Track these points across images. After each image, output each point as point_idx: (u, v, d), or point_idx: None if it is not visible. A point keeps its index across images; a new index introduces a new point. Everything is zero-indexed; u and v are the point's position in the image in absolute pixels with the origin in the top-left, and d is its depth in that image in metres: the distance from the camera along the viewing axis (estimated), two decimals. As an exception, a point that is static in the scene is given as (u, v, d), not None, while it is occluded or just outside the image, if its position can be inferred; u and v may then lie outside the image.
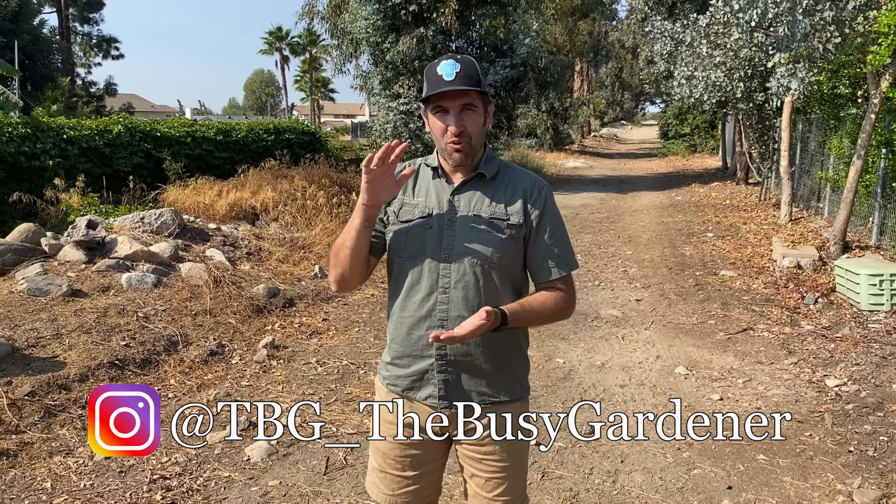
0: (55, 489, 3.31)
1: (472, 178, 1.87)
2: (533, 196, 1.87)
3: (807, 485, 3.28)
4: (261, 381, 4.69)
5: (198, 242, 7.07)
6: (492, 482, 1.92)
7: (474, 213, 1.84)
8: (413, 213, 1.87)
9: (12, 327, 4.76)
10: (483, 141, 1.87)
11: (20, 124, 8.15)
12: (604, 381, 4.67)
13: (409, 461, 1.96)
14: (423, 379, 1.89)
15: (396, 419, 1.94)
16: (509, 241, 1.83)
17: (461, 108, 1.80)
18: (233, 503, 3.22)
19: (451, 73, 1.77)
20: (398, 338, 1.91)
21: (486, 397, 1.88)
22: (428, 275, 1.84)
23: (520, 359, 1.95)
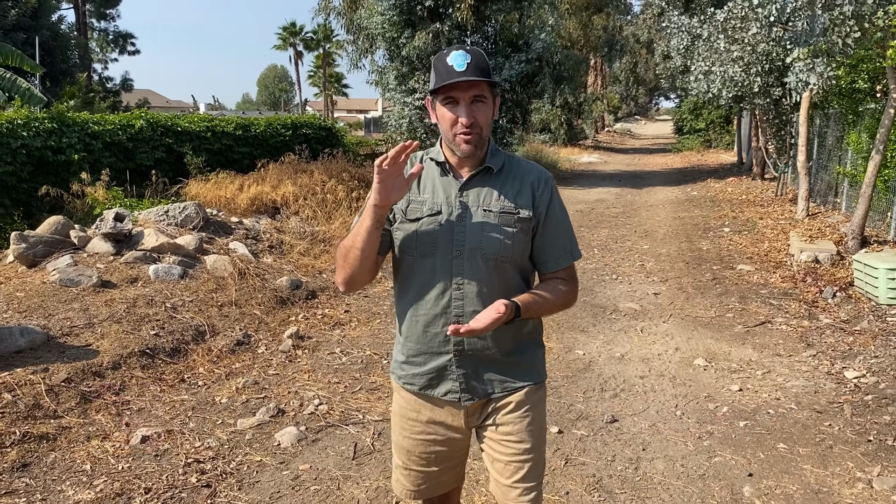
0: (94, 471, 3.43)
1: (480, 172, 1.86)
2: (540, 188, 1.88)
3: (826, 472, 3.34)
4: (287, 370, 4.80)
5: (221, 235, 7.20)
6: (511, 466, 1.92)
7: (484, 208, 1.83)
8: (421, 210, 1.85)
9: (46, 316, 4.89)
10: (489, 133, 1.86)
11: (46, 119, 8.30)
12: (624, 372, 4.74)
13: (433, 457, 1.98)
14: (441, 375, 1.90)
15: (419, 417, 1.97)
16: (520, 234, 1.84)
17: (472, 100, 1.78)
18: (265, 486, 3.32)
19: (463, 64, 1.75)
20: (413, 336, 1.90)
21: (508, 384, 1.91)
22: (441, 271, 1.83)
23: (535, 345, 1.98)
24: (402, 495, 2.06)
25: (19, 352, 4.36)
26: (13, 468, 3.41)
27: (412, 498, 2.07)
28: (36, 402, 3.95)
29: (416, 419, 1.97)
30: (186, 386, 4.47)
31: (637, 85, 48.49)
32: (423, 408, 1.96)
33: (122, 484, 3.30)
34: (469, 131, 1.79)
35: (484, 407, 1.94)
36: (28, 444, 3.62)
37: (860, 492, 3.16)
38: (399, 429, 2.01)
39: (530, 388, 1.94)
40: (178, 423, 3.96)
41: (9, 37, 21.10)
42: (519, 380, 1.92)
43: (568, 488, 3.27)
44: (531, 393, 1.94)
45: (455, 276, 1.82)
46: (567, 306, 1.95)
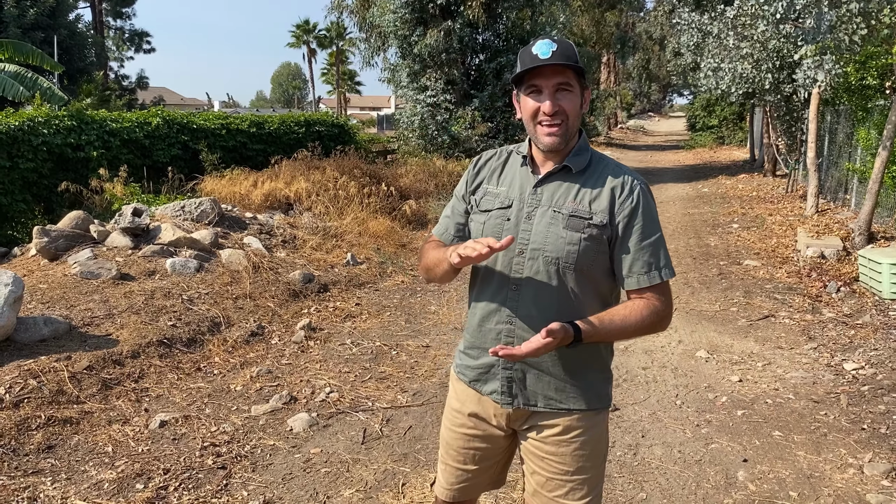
0: (116, 453, 3.59)
1: (559, 170, 1.76)
2: (623, 195, 1.72)
3: (820, 458, 3.45)
4: (299, 359, 4.95)
5: (235, 230, 7.37)
6: (553, 482, 1.82)
7: (555, 208, 1.73)
8: (494, 202, 1.80)
9: (68, 307, 5.08)
10: (577, 125, 1.76)
11: (66, 117, 8.52)
12: (626, 364, 4.86)
13: (470, 454, 1.91)
14: (489, 373, 1.83)
15: (463, 409, 1.91)
16: (590, 241, 1.70)
17: (556, 88, 1.68)
18: (278, 468, 3.47)
19: (548, 52, 1.66)
20: (471, 328, 1.86)
21: (553, 402, 1.79)
22: (501, 268, 1.77)
23: (597, 370, 1.81)
24: (439, 495, 1.98)
25: (43, 340, 4.55)
26: (39, 450, 3.58)
27: (448, 498, 1.97)
28: (60, 388, 4.12)
29: (460, 410, 1.92)
30: (202, 374, 4.64)
31: (650, 81, 48.36)
32: (469, 400, 1.89)
33: (142, 465, 3.46)
34: (552, 121, 1.69)
35: (529, 418, 1.84)
36: (53, 427, 3.79)
37: (851, 477, 3.26)
38: (445, 419, 1.97)
39: (583, 414, 1.80)
40: (194, 409, 4.13)
41: (28, 35, 21.44)
42: (567, 402, 1.79)
43: (568, 472, 3.39)
44: (584, 419, 1.80)
45: (514, 274, 1.74)
46: (651, 331, 1.75)
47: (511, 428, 1.87)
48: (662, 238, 1.74)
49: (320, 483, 3.33)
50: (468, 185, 1.90)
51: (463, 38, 15.87)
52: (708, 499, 3.13)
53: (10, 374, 4.14)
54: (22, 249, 6.65)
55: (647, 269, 1.70)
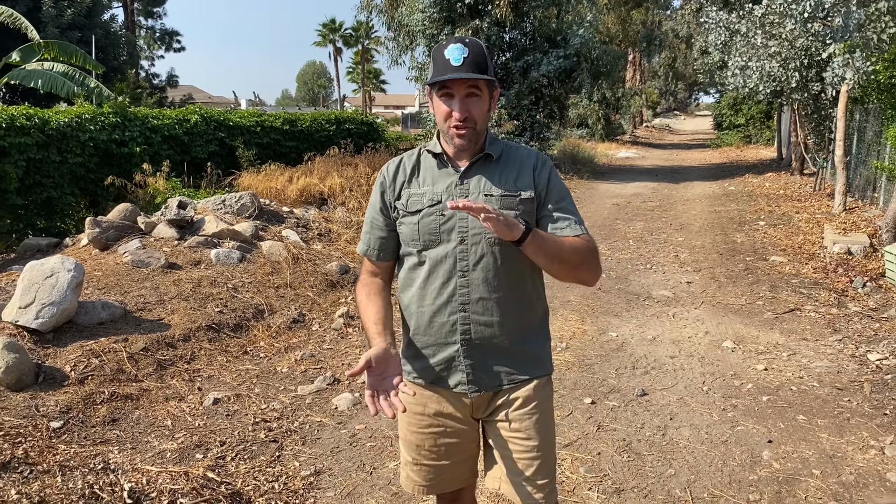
0: (175, 426, 3.85)
1: (479, 160, 1.87)
2: (538, 169, 1.88)
3: (842, 440, 3.60)
4: (340, 344, 5.19)
5: (273, 224, 7.64)
6: (521, 462, 1.91)
7: (486, 193, 1.83)
8: (422, 202, 1.87)
9: (122, 293, 5.37)
10: (485, 125, 1.87)
11: (111, 114, 8.86)
12: (654, 353, 5.02)
13: (443, 450, 1.98)
14: (450, 367, 1.89)
15: (425, 411, 1.96)
16: (524, 215, 1.81)
17: (466, 94, 1.78)
18: (326, 442, 3.71)
19: (459, 59, 1.75)
20: (420, 328, 1.90)
21: (515, 375, 1.91)
22: (445, 260, 1.84)
23: (543, 336, 1.97)
24: (413, 491, 2.05)
25: (101, 323, 4.84)
26: (104, 422, 3.86)
27: (424, 493, 2.05)
28: (119, 367, 4.41)
29: (423, 413, 1.97)
30: (249, 357, 4.90)
31: (676, 80, 48.05)
32: (430, 401, 1.96)
33: (200, 437, 3.72)
34: (463, 125, 1.79)
35: (491, 400, 1.93)
36: (115, 402, 4.07)
37: (872, 457, 3.41)
38: (406, 425, 2.01)
39: (538, 382, 1.93)
40: (244, 388, 4.38)
41: (65, 35, 22.01)
42: (526, 372, 1.92)
43: (600, 449, 3.58)
44: (539, 388, 1.93)
45: (460, 263, 1.83)
46: (588, 265, 1.83)
47: (475, 418, 1.96)
48: (573, 200, 1.92)
49: (366, 455, 3.55)
50: (387, 195, 1.94)
51: (490, 37, 16.04)
52: (734, 475, 3.30)
53: (74, 353, 4.43)
54: (73, 240, 6.98)
55: (568, 224, 1.84)
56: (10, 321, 4.52)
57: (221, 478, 3.18)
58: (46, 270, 4.66)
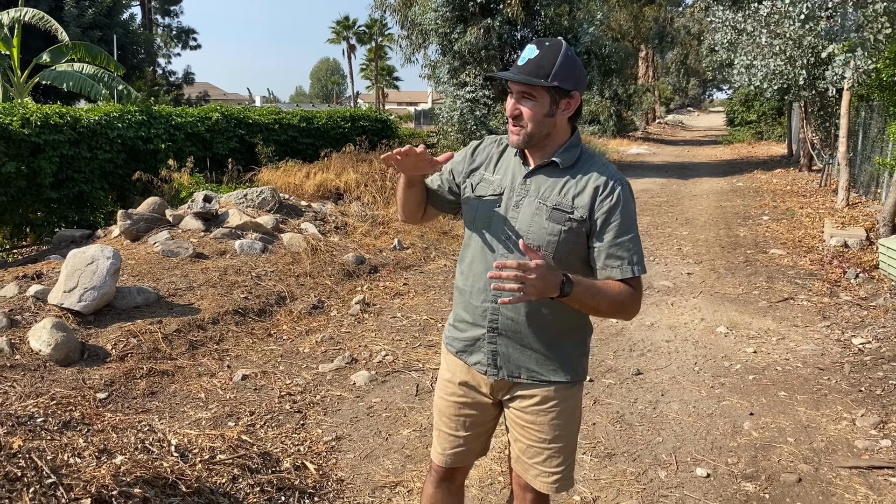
0: (208, 399, 4.23)
1: (547, 165, 1.89)
2: (604, 193, 1.83)
3: (818, 413, 3.92)
4: (357, 329, 5.56)
5: (293, 217, 8.02)
6: (532, 450, 2.00)
7: (540, 200, 1.86)
8: (488, 189, 1.94)
9: (155, 280, 5.77)
10: (551, 130, 1.86)
11: (137, 112, 9.27)
12: (651, 337, 5.35)
13: (461, 420, 2.07)
14: (475, 345, 1.98)
15: (453, 378, 2.07)
16: (569, 233, 1.83)
17: (519, 95, 1.83)
18: (346, 413, 4.07)
19: (525, 59, 1.81)
20: (460, 303, 2.02)
21: (535, 374, 1.94)
22: (489, 251, 1.92)
23: (574, 343, 1.96)
24: (435, 460, 2.16)
25: (137, 307, 5.23)
26: (144, 394, 4.25)
27: (443, 463, 2.14)
28: (155, 346, 4.79)
29: (451, 380, 2.08)
30: (273, 339, 5.28)
31: (688, 76, 48.06)
32: (459, 370, 2.05)
33: (231, 408, 4.10)
34: (513, 123, 1.85)
35: (512, 388, 2.00)
36: (153, 377, 4.45)
37: (843, 427, 3.73)
38: (438, 389, 2.14)
39: (560, 386, 1.95)
40: (270, 366, 4.76)
41: (86, 34, 22.52)
42: (549, 374, 1.94)
43: (595, 420, 3.92)
44: (561, 390, 1.96)
45: (500, 257, 1.88)
46: (623, 311, 1.86)
47: (495, 397, 2.04)
48: (638, 237, 1.86)
49: (382, 424, 3.91)
50: (465, 164, 2.05)
51: (502, 35, 16.35)
52: (716, 442, 3.64)
53: (114, 333, 4.83)
54: (104, 231, 7.39)
55: (620, 264, 1.82)
56: (56, 304, 4.92)
57: (253, 440, 3.55)
58: (88, 258, 5.06)
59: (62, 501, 2.16)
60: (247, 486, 3.03)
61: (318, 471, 3.34)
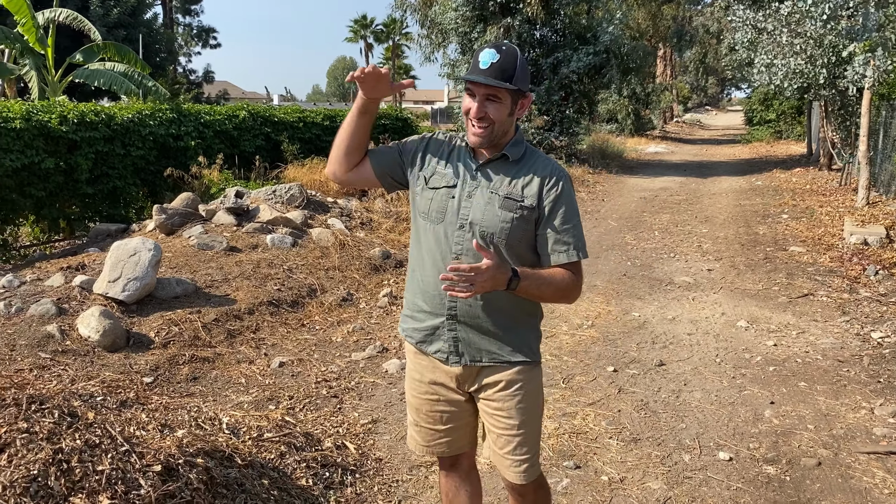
0: (248, 384, 4.43)
1: (497, 158, 2.00)
2: (550, 184, 1.96)
3: (837, 403, 4.05)
4: (385, 320, 5.74)
5: (319, 213, 8.23)
6: (502, 439, 2.09)
7: (492, 190, 1.97)
8: (441, 181, 2.03)
9: (192, 272, 5.99)
10: (509, 128, 1.99)
11: (168, 110, 9.52)
12: (673, 330, 5.48)
13: (438, 416, 2.16)
14: (434, 334, 2.06)
15: (423, 378, 2.15)
16: (520, 220, 1.95)
17: (486, 97, 1.90)
18: (380, 398, 4.25)
19: (487, 63, 1.87)
20: (416, 293, 2.09)
21: (496, 356, 2.04)
22: (444, 240, 1.99)
23: (528, 327, 2.08)
24: (416, 451, 2.27)
25: (176, 297, 5.45)
26: (187, 379, 4.45)
27: (427, 455, 2.26)
28: (195, 334, 5.01)
29: (421, 380, 2.16)
30: (307, 329, 5.47)
31: (707, 75, 47.85)
32: (426, 370, 2.14)
33: (271, 392, 4.29)
34: (479, 124, 1.92)
35: (477, 376, 2.08)
36: (195, 363, 4.66)
37: (862, 416, 3.86)
38: (409, 388, 2.22)
39: (522, 367, 2.05)
40: (305, 354, 4.95)
41: (111, 34, 22.92)
42: (509, 355, 2.04)
43: (620, 408, 4.08)
44: (523, 372, 2.05)
45: (455, 246, 1.97)
46: (567, 297, 2.03)
47: (462, 390, 2.12)
48: (580, 223, 2.01)
49: (415, 409, 4.09)
50: (416, 153, 2.10)
51: (521, 35, 16.49)
52: (737, 429, 3.78)
53: (156, 322, 5.05)
54: (139, 226, 7.63)
55: (566, 248, 1.96)
56: (101, 293, 5.15)
57: (295, 422, 3.74)
58: (130, 249, 5.28)
59: (136, 467, 2.35)
60: (293, 461, 3.22)
61: (357, 450, 3.53)
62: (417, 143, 2.13)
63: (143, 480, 2.31)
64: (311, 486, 3.07)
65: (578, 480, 3.29)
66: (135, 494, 2.25)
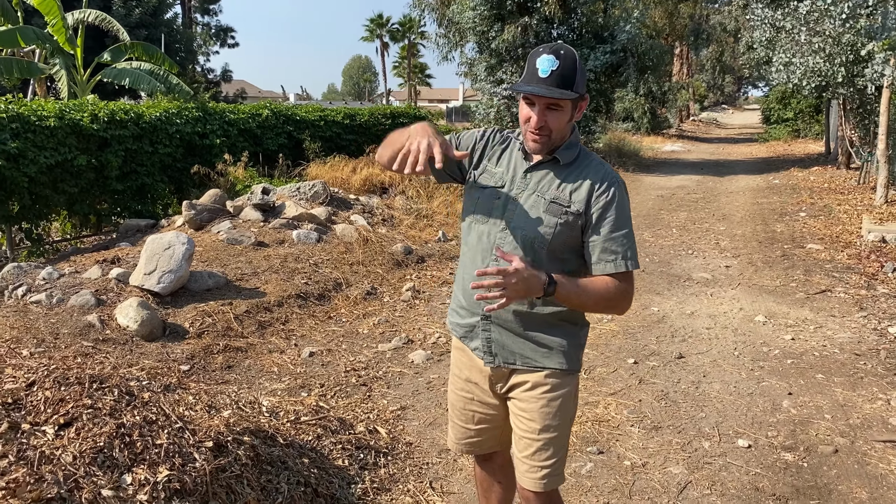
0: (280, 372, 4.60)
1: (548, 161, 1.95)
2: (600, 190, 1.90)
3: (854, 394, 4.15)
4: (409, 313, 5.90)
5: (342, 209, 8.40)
6: (523, 441, 2.03)
7: (538, 194, 1.93)
8: (490, 180, 2.00)
9: (222, 266, 6.17)
10: (564, 133, 1.93)
11: (194, 108, 9.74)
12: (692, 325, 5.59)
13: (470, 414, 2.17)
14: (472, 331, 2.05)
15: (460, 374, 2.18)
16: (565, 226, 1.89)
17: (546, 106, 1.85)
18: (407, 386, 4.41)
19: (547, 70, 1.80)
20: (461, 290, 2.08)
21: (529, 360, 2.00)
22: (487, 240, 1.97)
23: (566, 334, 2.00)
24: (450, 447, 2.31)
25: (208, 290, 5.63)
26: (222, 368, 4.63)
27: (458, 451, 2.29)
28: (228, 325, 5.18)
29: (459, 376, 2.18)
30: (334, 321, 5.64)
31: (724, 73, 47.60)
32: (465, 366, 2.14)
33: (303, 380, 4.46)
34: (538, 133, 1.88)
35: (509, 377, 2.06)
36: (228, 353, 4.84)
37: (878, 406, 3.96)
38: (450, 383, 2.26)
39: (554, 372, 1.99)
40: (333, 344, 5.12)
41: (133, 34, 23.24)
42: (542, 361, 1.99)
43: (641, 398, 4.20)
44: (554, 377, 2.00)
45: (496, 248, 1.92)
46: (614, 308, 1.95)
47: (494, 392, 2.10)
48: (632, 233, 1.93)
49: (441, 397, 4.23)
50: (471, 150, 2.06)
51: (539, 34, 16.57)
52: (756, 418, 3.89)
53: (190, 313, 5.23)
54: (168, 221, 7.84)
55: (614, 258, 1.89)
56: (137, 285, 5.34)
57: (329, 407, 3.90)
58: (165, 243, 5.47)
59: (190, 442, 2.52)
60: (329, 443, 3.38)
61: (388, 434, 3.68)
62: (473, 138, 2.09)
63: (198, 455, 2.48)
64: (347, 467, 3.23)
65: (602, 465, 3.42)
66: (190, 467, 2.41)
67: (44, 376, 2.52)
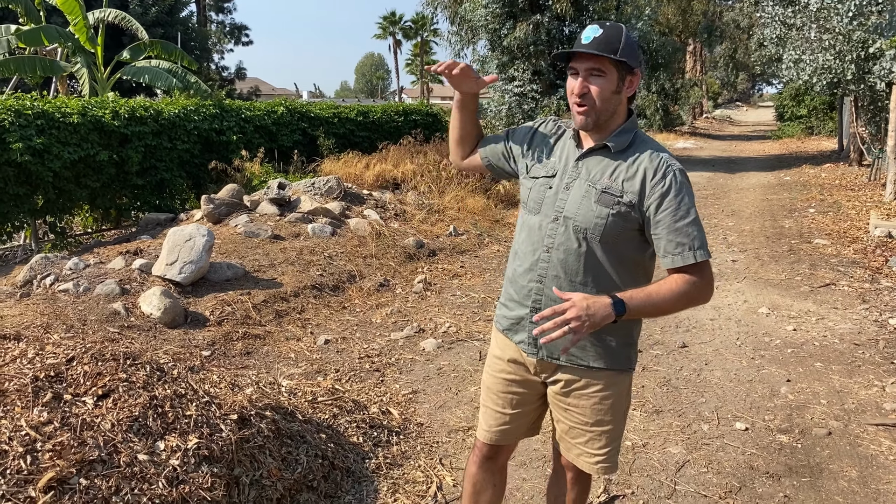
0: (297, 358, 4.80)
1: (600, 148, 1.88)
2: (655, 179, 1.80)
3: (851, 381, 4.28)
4: (421, 304, 6.08)
5: (356, 204, 8.59)
6: (575, 431, 2.02)
7: (590, 182, 1.86)
8: (541, 171, 1.96)
9: (240, 257, 6.38)
10: (616, 109, 1.85)
11: (211, 105, 9.97)
12: (696, 316, 5.73)
13: (508, 398, 2.09)
14: (519, 324, 2.00)
15: (503, 355, 2.09)
16: (617, 216, 1.81)
17: (588, 72, 1.79)
18: (419, 372, 4.59)
19: (590, 37, 1.77)
20: (510, 281, 2.05)
21: (575, 359, 1.94)
22: (538, 231, 1.92)
23: (618, 337, 1.93)
24: (480, 437, 2.19)
25: (227, 280, 5.84)
26: (241, 354, 4.83)
27: (488, 440, 2.15)
28: (246, 314, 5.39)
29: (500, 357, 2.10)
30: (348, 311, 5.83)
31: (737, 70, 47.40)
32: (508, 348, 2.07)
33: (318, 366, 4.65)
34: (580, 102, 1.81)
35: (555, 371, 2.00)
36: (247, 340, 5.04)
37: (874, 393, 4.10)
38: (487, 366, 2.17)
39: (605, 372, 1.95)
40: (347, 333, 5.31)
41: (149, 32, 23.58)
42: (588, 360, 1.94)
43: (643, 384, 4.36)
44: (604, 377, 1.95)
45: (547, 238, 1.89)
46: (695, 303, 1.83)
47: (539, 376, 2.05)
48: (698, 220, 1.79)
49: (451, 382, 4.41)
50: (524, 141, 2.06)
51: (550, 31, 16.70)
52: (754, 403, 4.04)
53: (210, 302, 5.44)
54: (187, 215, 8.06)
55: (681, 250, 1.77)
56: (159, 275, 5.56)
57: (343, 390, 4.09)
58: (186, 235, 5.68)
59: (216, 415, 2.71)
60: (345, 422, 3.57)
61: (400, 415, 3.86)
62: (526, 130, 2.07)
63: (223, 426, 2.67)
64: (361, 443, 3.41)
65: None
66: (217, 436, 2.60)
67: (82, 353, 2.71)
